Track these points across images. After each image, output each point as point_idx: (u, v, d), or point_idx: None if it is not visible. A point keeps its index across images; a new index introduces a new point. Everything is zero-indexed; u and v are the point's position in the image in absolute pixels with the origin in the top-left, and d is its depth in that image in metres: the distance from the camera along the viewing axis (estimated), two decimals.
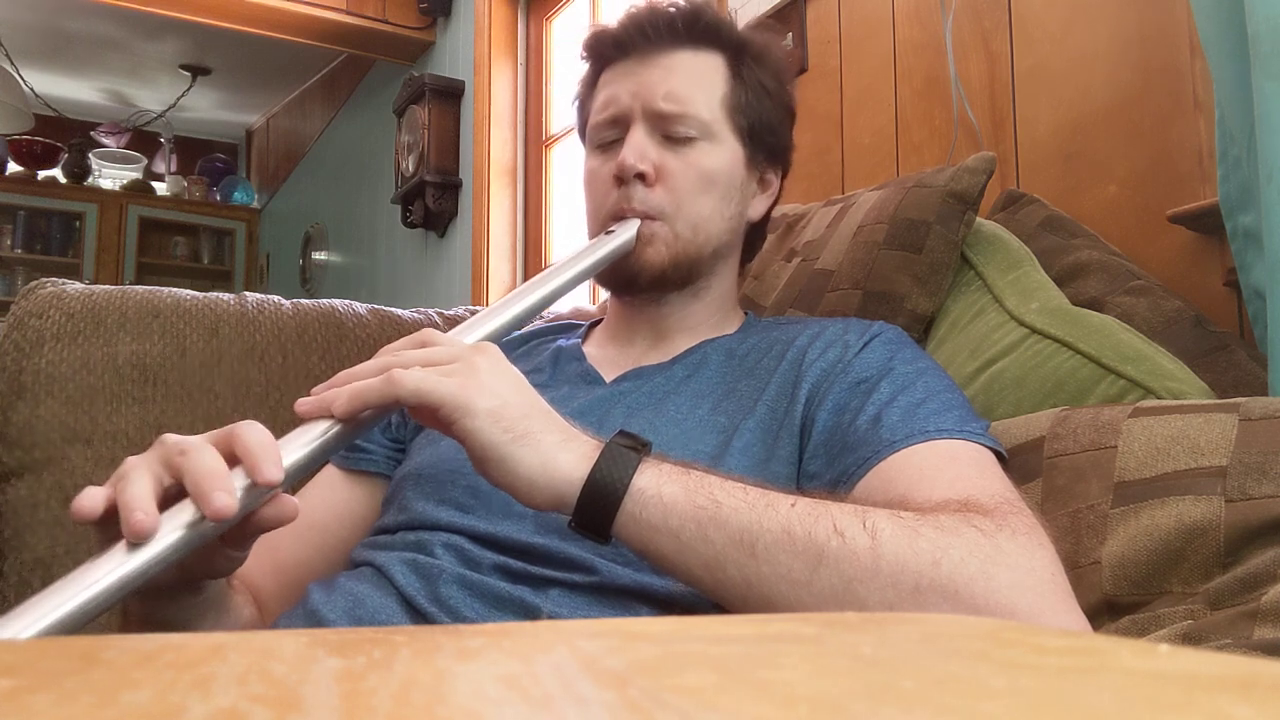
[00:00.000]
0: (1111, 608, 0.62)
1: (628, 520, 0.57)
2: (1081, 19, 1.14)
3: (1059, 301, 0.89)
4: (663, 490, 0.57)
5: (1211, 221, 0.93)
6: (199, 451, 0.52)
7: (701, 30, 0.84)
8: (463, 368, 0.59)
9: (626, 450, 0.59)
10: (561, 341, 0.91)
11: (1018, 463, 0.72)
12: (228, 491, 0.50)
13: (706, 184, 0.82)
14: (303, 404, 0.59)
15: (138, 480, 0.51)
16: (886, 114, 1.41)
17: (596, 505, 0.57)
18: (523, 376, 0.62)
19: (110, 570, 0.48)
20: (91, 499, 0.50)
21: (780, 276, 1.11)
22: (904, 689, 0.18)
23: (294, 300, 1.15)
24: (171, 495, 0.52)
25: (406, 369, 0.58)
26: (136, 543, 0.49)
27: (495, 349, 0.63)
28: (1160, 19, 1.05)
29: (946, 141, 1.30)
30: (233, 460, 0.53)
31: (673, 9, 0.84)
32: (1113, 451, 0.66)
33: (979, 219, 1.00)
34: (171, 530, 0.50)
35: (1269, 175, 0.75)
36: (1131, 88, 1.08)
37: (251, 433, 0.53)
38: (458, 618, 0.64)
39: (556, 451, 0.58)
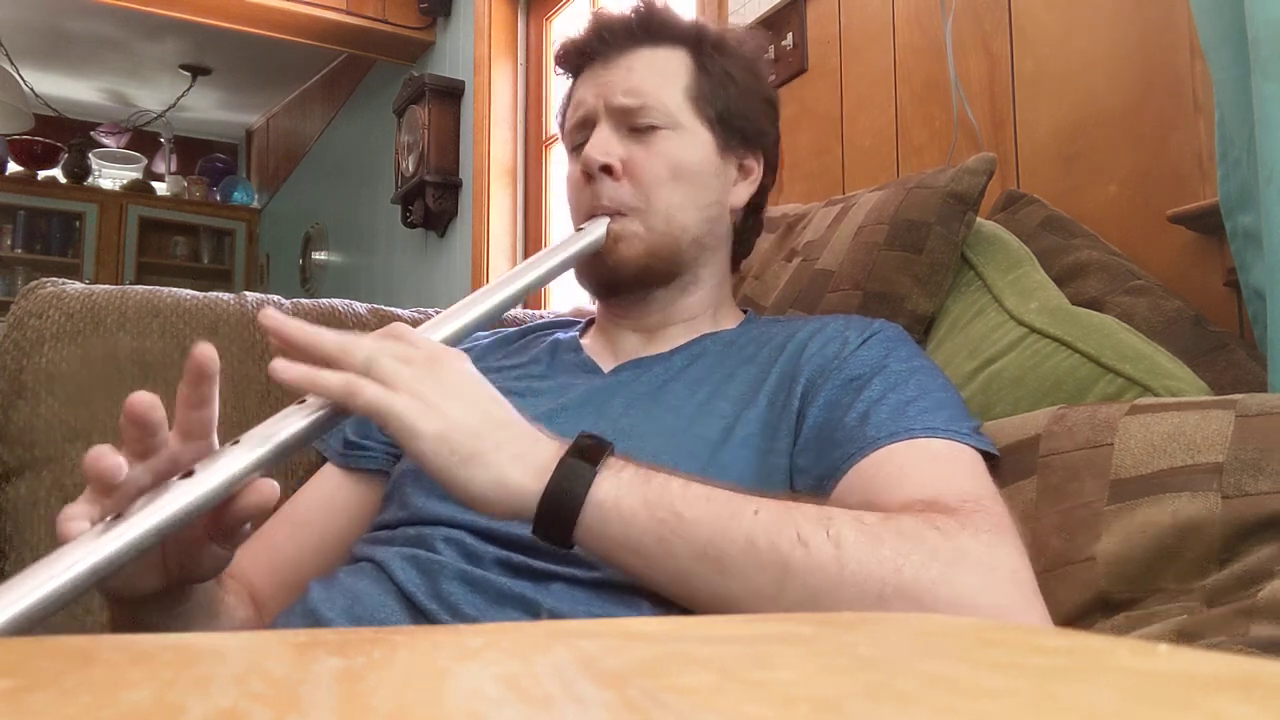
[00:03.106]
0: (1106, 604, 0.62)
1: (586, 534, 0.57)
2: (1082, 22, 1.14)
3: (1058, 301, 0.89)
4: (621, 503, 0.57)
5: (1211, 221, 0.93)
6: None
7: (658, 27, 0.86)
8: (418, 381, 0.58)
9: (582, 463, 0.58)
10: (560, 335, 0.91)
11: (1013, 461, 0.72)
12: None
13: (675, 173, 0.82)
14: (278, 364, 0.58)
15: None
16: (886, 116, 1.41)
17: (554, 521, 0.57)
18: (485, 385, 0.61)
19: (81, 557, 0.48)
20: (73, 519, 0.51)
21: (780, 277, 1.11)
22: (901, 689, 0.18)
23: (294, 300, 1.15)
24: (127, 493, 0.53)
25: (365, 375, 0.57)
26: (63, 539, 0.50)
27: (459, 357, 0.62)
28: (1161, 23, 1.05)
29: (946, 143, 1.30)
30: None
31: (631, 12, 0.87)
32: (1109, 449, 0.66)
33: (979, 219, 1.00)
34: (143, 518, 0.50)
35: (1269, 176, 0.75)
36: (1132, 91, 1.08)
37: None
38: (457, 613, 0.63)
39: (508, 469, 0.57)
